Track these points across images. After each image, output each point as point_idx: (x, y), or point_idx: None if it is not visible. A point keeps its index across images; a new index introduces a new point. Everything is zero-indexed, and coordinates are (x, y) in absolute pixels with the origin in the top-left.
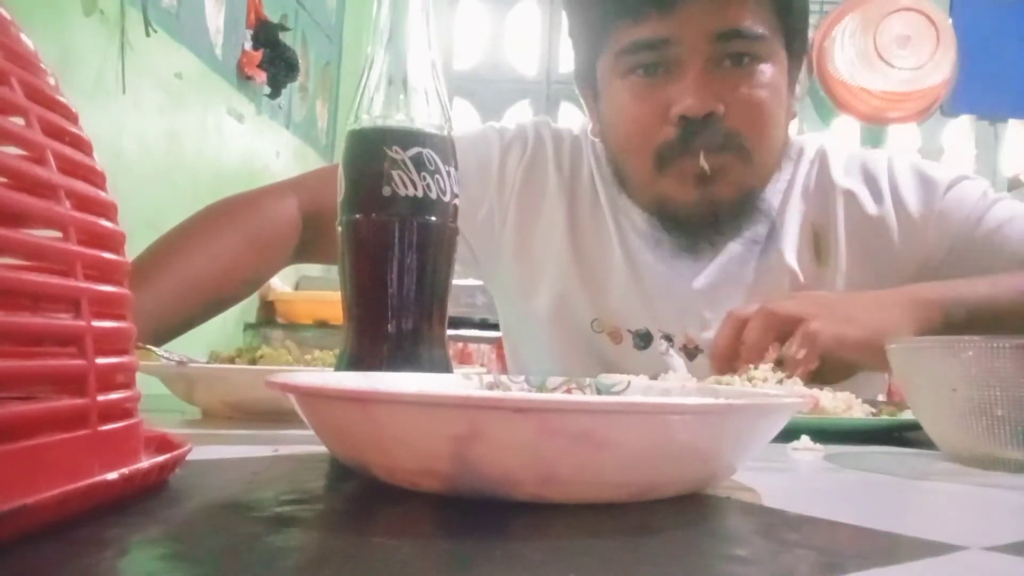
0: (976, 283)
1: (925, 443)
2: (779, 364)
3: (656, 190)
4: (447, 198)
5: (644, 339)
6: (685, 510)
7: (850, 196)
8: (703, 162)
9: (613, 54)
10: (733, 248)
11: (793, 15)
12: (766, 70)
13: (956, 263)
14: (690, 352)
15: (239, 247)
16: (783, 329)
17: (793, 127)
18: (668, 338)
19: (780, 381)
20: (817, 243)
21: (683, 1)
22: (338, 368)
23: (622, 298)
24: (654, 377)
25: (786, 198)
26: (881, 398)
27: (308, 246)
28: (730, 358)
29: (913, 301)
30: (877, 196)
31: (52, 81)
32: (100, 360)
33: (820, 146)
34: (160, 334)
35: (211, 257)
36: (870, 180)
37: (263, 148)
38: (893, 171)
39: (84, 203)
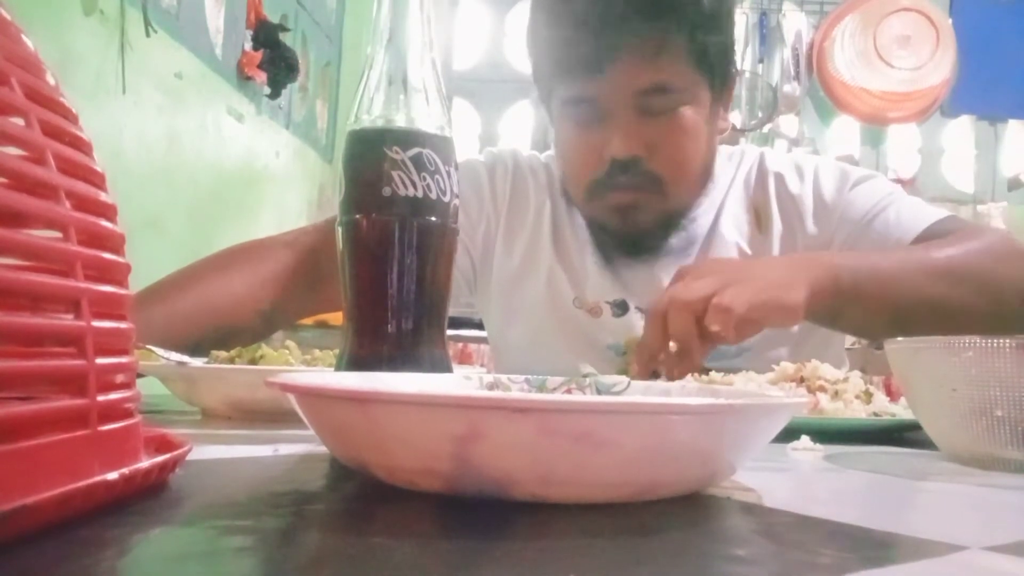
0: (866, 254)
1: (925, 443)
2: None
3: (589, 213)
4: (447, 198)
5: (621, 307)
6: (685, 510)
7: (779, 176)
8: (630, 200)
9: (557, 102)
10: (676, 240)
11: (712, 60)
12: (685, 113)
13: (854, 249)
14: None
15: (256, 279)
16: (699, 309)
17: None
18: (640, 309)
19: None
20: (757, 216)
21: (610, 64)
22: (338, 368)
23: (595, 276)
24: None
25: (730, 189)
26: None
27: (333, 288)
28: (656, 355)
29: (807, 260)
30: (801, 179)
31: (52, 81)
32: (100, 360)
33: (760, 151)
34: (168, 349)
35: (226, 283)
36: (798, 168)
37: (263, 148)
38: (818, 164)
39: (84, 203)
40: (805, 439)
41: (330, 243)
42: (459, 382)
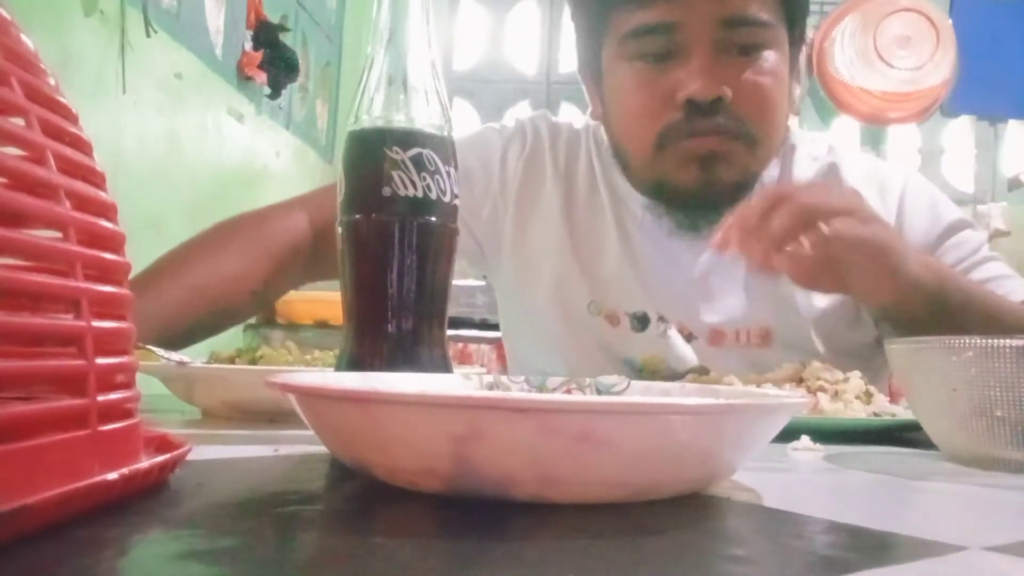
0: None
1: (925, 443)
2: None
3: (656, 171)
4: (447, 198)
5: (641, 321)
6: (685, 510)
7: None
8: (716, 146)
9: (618, 39)
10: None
11: (796, 2)
12: (770, 57)
13: None
14: (685, 336)
15: (246, 258)
16: (809, 220)
17: (792, 126)
18: (663, 320)
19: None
20: None
21: None
22: (338, 368)
23: (618, 281)
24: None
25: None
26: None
27: (319, 261)
28: (747, 233)
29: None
30: (883, 201)
31: (52, 81)
32: (100, 360)
33: (828, 147)
34: (163, 340)
35: (217, 266)
36: (880, 186)
37: (263, 148)
38: (906, 186)
39: (84, 203)
40: (805, 439)
41: (329, 216)
42: (459, 382)
